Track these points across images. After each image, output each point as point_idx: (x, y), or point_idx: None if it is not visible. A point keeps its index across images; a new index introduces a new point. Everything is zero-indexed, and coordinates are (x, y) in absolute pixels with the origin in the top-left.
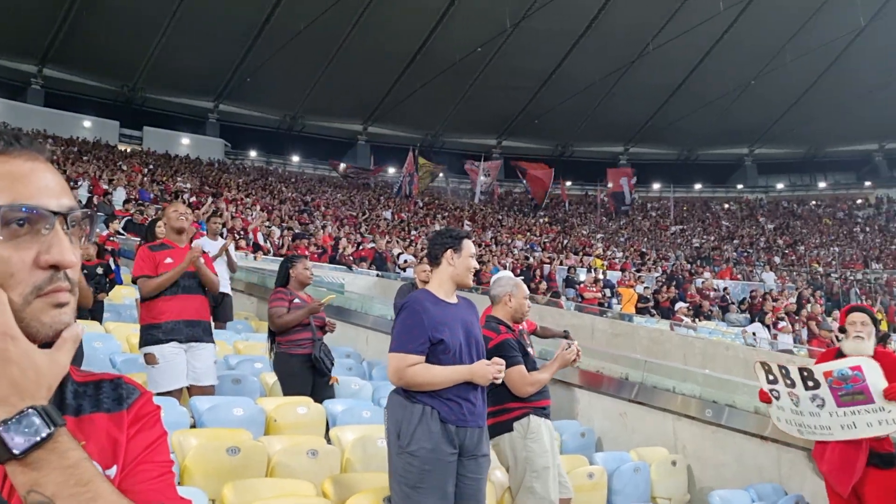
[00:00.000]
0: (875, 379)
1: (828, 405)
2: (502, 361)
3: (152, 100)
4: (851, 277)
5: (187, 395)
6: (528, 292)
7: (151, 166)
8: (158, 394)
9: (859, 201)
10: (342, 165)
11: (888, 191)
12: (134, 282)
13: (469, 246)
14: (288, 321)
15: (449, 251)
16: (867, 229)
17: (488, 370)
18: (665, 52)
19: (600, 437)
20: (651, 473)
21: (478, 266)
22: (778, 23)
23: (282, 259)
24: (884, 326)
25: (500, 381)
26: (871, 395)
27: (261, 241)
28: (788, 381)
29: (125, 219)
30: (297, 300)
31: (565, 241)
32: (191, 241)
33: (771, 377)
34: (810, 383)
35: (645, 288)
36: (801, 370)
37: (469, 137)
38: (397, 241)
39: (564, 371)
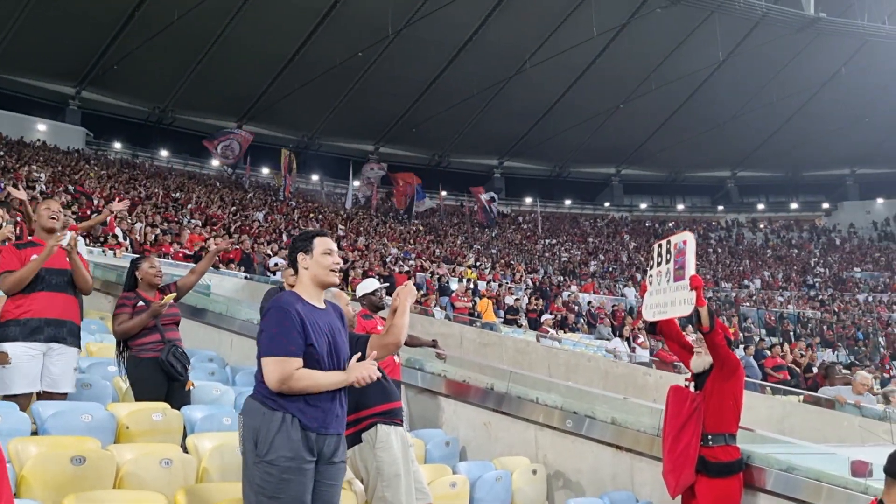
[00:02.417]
0: (690, 257)
1: (670, 280)
2: (375, 362)
3: (6, 80)
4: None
5: (35, 400)
6: (348, 299)
7: (2, 152)
8: (5, 397)
9: (713, 224)
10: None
11: (738, 215)
12: None
13: (322, 243)
14: (129, 328)
15: (300, 254)
16: (719, 250)
17: (364, 370)
18: (541, 70)
19: (465, 447)
20: (512, 482)
21: (339, 262)
22: (645, 52)
23: None
24: None
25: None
26: (685, 273)
27: (119, 236)
28: (667, 258)
29: None
30: (141, 303)
31: (437, 251)
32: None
33: (658, 259)
34: (668, 256)
35: (516, 300)
36: (668, 242)
37: (346, 142)
38: (266, 243)
39: (432, 380)
